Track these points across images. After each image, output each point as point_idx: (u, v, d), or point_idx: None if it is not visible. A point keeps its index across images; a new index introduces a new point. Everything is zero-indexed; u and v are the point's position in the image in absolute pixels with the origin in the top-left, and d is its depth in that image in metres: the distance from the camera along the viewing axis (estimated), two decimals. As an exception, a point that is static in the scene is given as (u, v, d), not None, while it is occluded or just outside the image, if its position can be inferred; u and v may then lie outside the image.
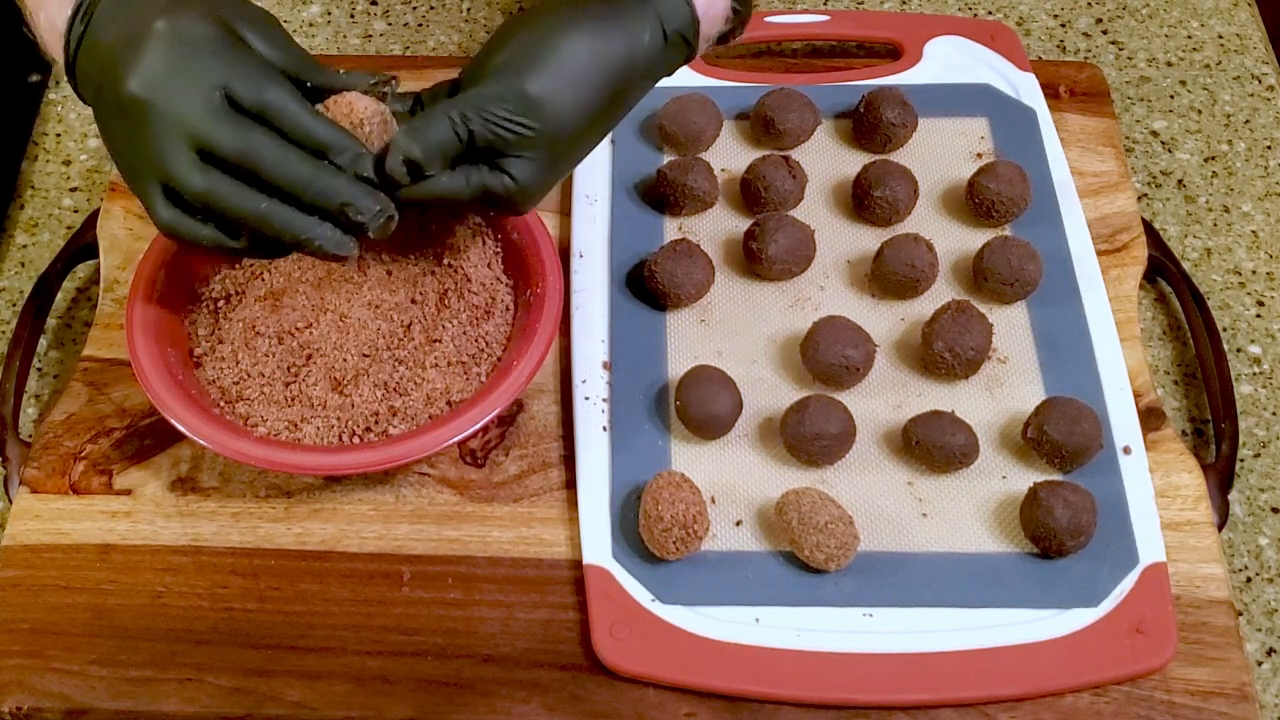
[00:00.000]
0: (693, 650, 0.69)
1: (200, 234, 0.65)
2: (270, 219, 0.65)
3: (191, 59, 0.64)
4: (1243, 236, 0.88)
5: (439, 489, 0.75)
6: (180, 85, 0.64)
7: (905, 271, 0.79)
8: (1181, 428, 0.80)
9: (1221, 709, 0.67)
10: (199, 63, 0.64)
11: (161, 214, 0.65)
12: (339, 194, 0.65)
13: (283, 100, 0.65)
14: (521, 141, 0.67)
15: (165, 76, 0.64)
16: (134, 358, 0.72)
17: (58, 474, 0.75)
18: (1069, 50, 0.98)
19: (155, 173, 0.64)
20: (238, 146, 0.63)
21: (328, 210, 0.65)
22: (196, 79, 0.64)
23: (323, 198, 0.65)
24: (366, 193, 0.65)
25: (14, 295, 0.86)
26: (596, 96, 0.68)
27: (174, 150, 0.64)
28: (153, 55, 0.64)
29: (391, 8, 1.01)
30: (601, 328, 0.80)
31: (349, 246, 0.66)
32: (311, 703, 0.68)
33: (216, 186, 0.64)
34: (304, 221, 0.65)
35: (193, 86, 0.64)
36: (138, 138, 0.64)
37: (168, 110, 0.63)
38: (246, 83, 0.64)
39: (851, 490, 0.74)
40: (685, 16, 0.70)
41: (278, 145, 0.64)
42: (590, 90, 0.68)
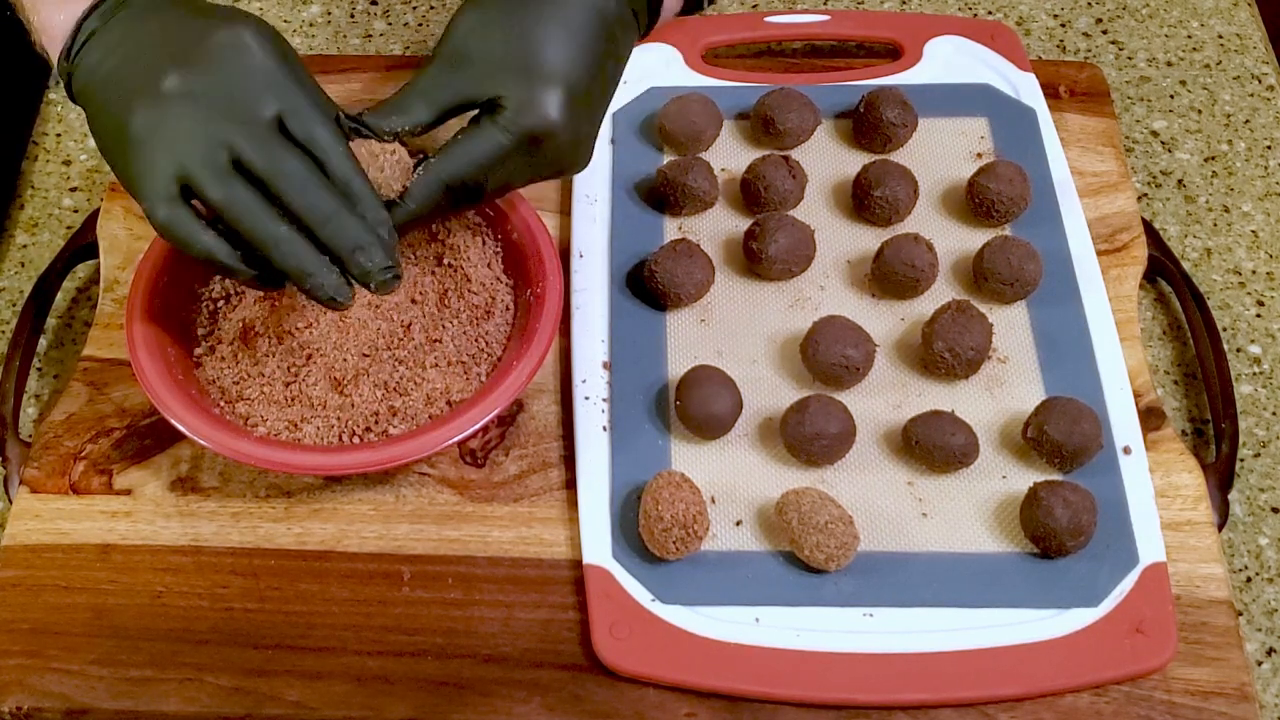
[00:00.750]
0: (693, 650, 0.69)
1: (199, 239, 0.64)
2: (281, 244, 0.64)
3: (250, 71, 0.64)
4: (1243, 236, 0.88)
5: (439, 489, 0.75)
6: (233, 92, 0.64)
7: (905, 271, 0.79)
8: (1181, 428, 0.80)
9: (1221, 709, 0.67)
10: (258, 77, 0.64)
11: (160, 210, 0.64)
12: (355, 237, 0.64)
13: (331, 142, 0.65)
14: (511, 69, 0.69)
15: (219, 79, 0.64)
16: (134, 358, 0.72)
17: (58, 474, 0.75)
18: (1069, 50, 0.98)
19: (174, 166, 0.63)
20: (271, 165, 0.63)
21: (338, 251, 0.65)
22: (251, 92, 0.64)
23: (338, 236, 0.64)
24: (380, 245, 0.65)
25: (14, 295, 0.86)
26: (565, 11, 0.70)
27: (208, 149, 0.63)
28: (210, 55, 0.64)
29: (391, 8, 1.01)
30: (601, 328, 0.80)
31: (346, 295, 0.65)
32: (311, 703, 0.68)
33: (240, 197, 0.63)
34: (313, 258, 0.65)
35: (245, 97, 0.64)
36: (165, 129, 0.63)
37: (212, 111, 0.63)
38: (303, 112, 0.65)
39: (851, 490, 0.74)
40: None
41: (310, 175, 0.64)
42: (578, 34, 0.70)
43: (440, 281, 0.77)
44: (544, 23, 0.70)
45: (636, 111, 0.89)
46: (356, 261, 0.65)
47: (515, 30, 0.69)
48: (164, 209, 0.64)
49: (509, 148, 0.69)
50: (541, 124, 0.69)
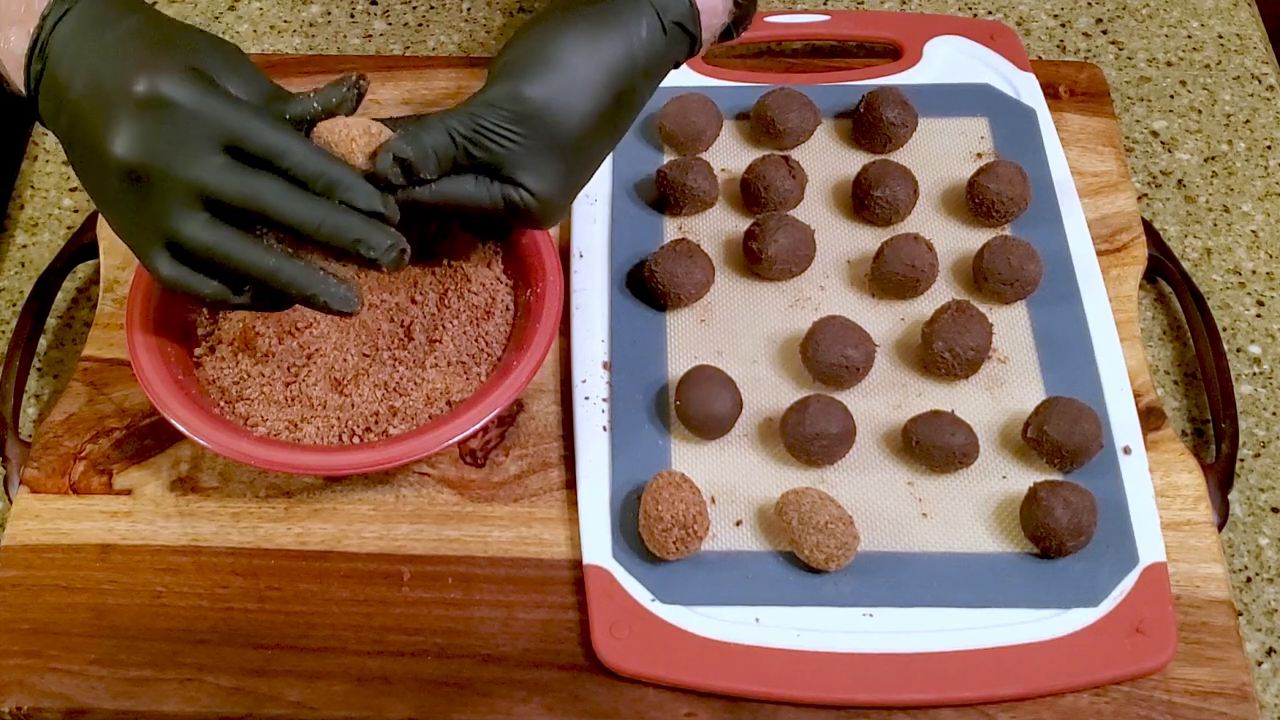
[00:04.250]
0: (693, 650, 0.69)
1: (204, 289, 0.66)
2: (277, 274, 0.65)
3: (184, 122, 0.63)
4: (1243, 236, 0.88)
5: (439, 489, 0.75)
6: (179, 148, 0.63)
7: (905, 271, 0.79)
8: (1181, 428, 0.80)
9: (1221, 709, 0.67)
10: (193, 125, 0.63)
11: (165, 271, 0.65)
12: (350, 231, 0.64)
13: (287, 142, 0.64)
14: (525, 150, 0.67)
15: (161, 142, 0.63)
16: (134, 358, 0.72)
17: (58, 474, 0.75)
18: (1069, 50, 0.98)
19: (158, 231, 0.64)
20: (244, 192, 0.63)
21: (341, 249, 0.65)
22: (195, 141, 0.63)
23: (335, 235, 0.64)
24: (378, 228, 0.65)
25: (14, 295, 0.86)
26: (598, 96, 0.68)
27: (178, 209, 0.63)
28: (141, 122, 0.63)
29: (391, 8, 1.01)
30: (601, 328, 0.80)
31: (353, 303, 0.66)
32: (311, 703, 0.68)
33: (224, 241, 0.64)
34: (311, 278, 0.65)
35: (192, 148, 0.63)
36: (137, 199, 0.64)
37: (169, 173, 0.63)
38: (250, 133, 0.64)
39: (851, 490, 0.74)
40: (683, 6, 0.70)
41: (285, 189, 0.64)
42: (590, 90, 0.68)
43: (440, 281, 0.77)
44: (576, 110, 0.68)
45: (636, 111, 0.89)
46: (359, 253, 0.65)
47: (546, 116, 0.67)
48: (165, 270, 0.65)
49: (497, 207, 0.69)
50: (536, 208, 0.69)
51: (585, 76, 0.68)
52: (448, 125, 0.67)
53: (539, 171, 0.68)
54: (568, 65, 0.68)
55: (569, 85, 0.68)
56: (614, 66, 0.69)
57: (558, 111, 0.67)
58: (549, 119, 0.67)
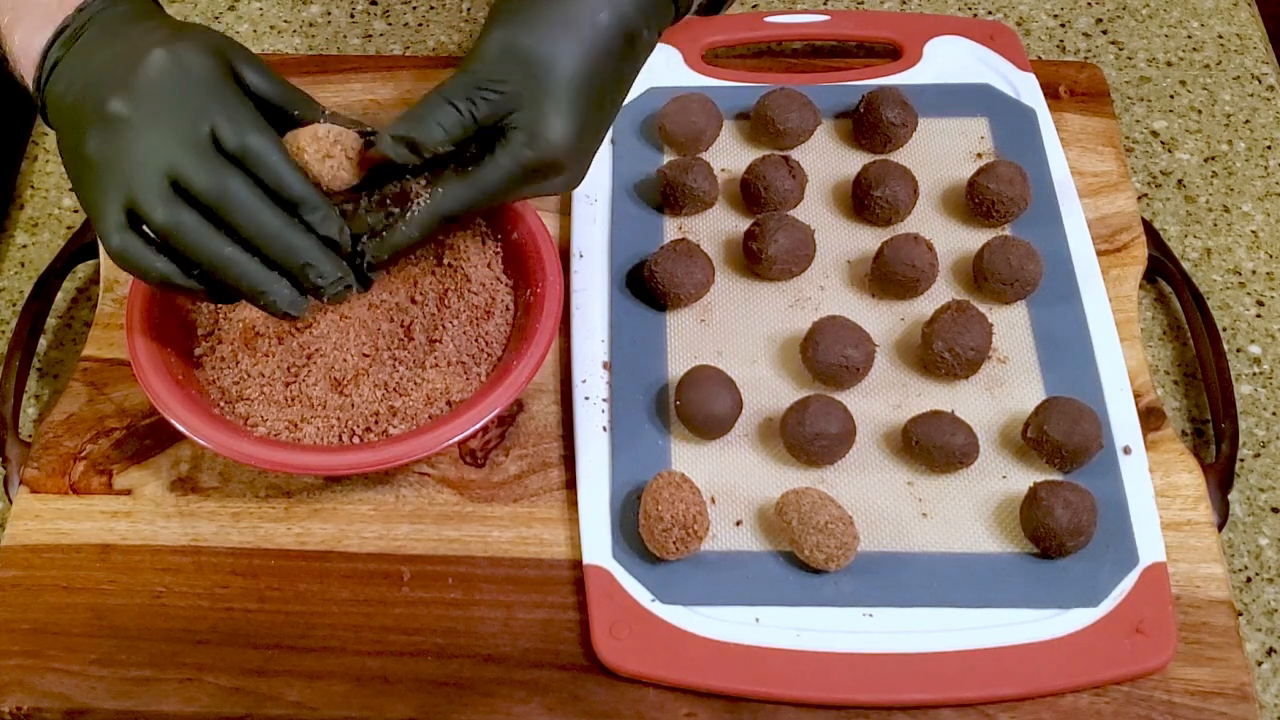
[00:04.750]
0: (693, 650, 0.69)
1: (152, 266, 0.65)
2: (230, 266, 0.65)
3: (184, 90, 0.64)
4: (1243, 236, 0.88)
5: (439, 489, 0.75)
6: (168, 114, 0.64)
7: (905, 271, 0.79)
8: (1181, 428, 0.80)
9: (1221, 709, 0.67)
10: (191, 95, 0.64)
11: (113, 239, 0.65)
12: (302, 254, 0.65)
13: (264, 147, 0.65)
14: (527, 94, 0.67)
15: (155, 102, 0.64)
16: (134, 358, 0.72)
17: (58, 474, 0.75)
18: (1069, 50, 0.98)
19: (121, 195, 0.64)
20: (212, 186, 0.64)
21: (288, 268, 0.65)
22: (186, 111, 0.64)
23: (286, 254, 0.65)
24: (329, 259, 0.66)
25: (14, 295, 0.86)
26: (593, 36, 0.67)
27: (148, 175, 0.63)
28: (146, 78, 0.64)
29: (391, 8, 1.01)
30: (601, 328, 0.80)
31: (300, 307, 0.66)
32: (311, 703, 0.68)
33: (184, 222, 0.64)
34: (263, 275, 0.65)
35: (180, 118, 0.64)
36: (112, 156, 0.64)
37: (151, 135, 0.64)
38: (233, 124, 0.64)
39: (851, 490, 0.74)
40: None
41: (252, 193, 0.64)
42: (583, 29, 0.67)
43: (440, 281, 0.77)
44: (572, 49, 0.67)
45: (636, 111, 0.89)
46: (306, 277, 0.66)
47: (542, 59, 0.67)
48: (116, 237, 0.65)
49: (516, 176, 0.68)
50: (550, 159, 0.68)
51: (576, 16, 0.67)
52: (444, 95, 0.67)
53: (546, 117, 0.67)
54: (557, 6, 0.67)
55: (560, 25, 0.67)
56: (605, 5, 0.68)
57: (552, 51, 0.67)
58: (544, 59, 0.67)
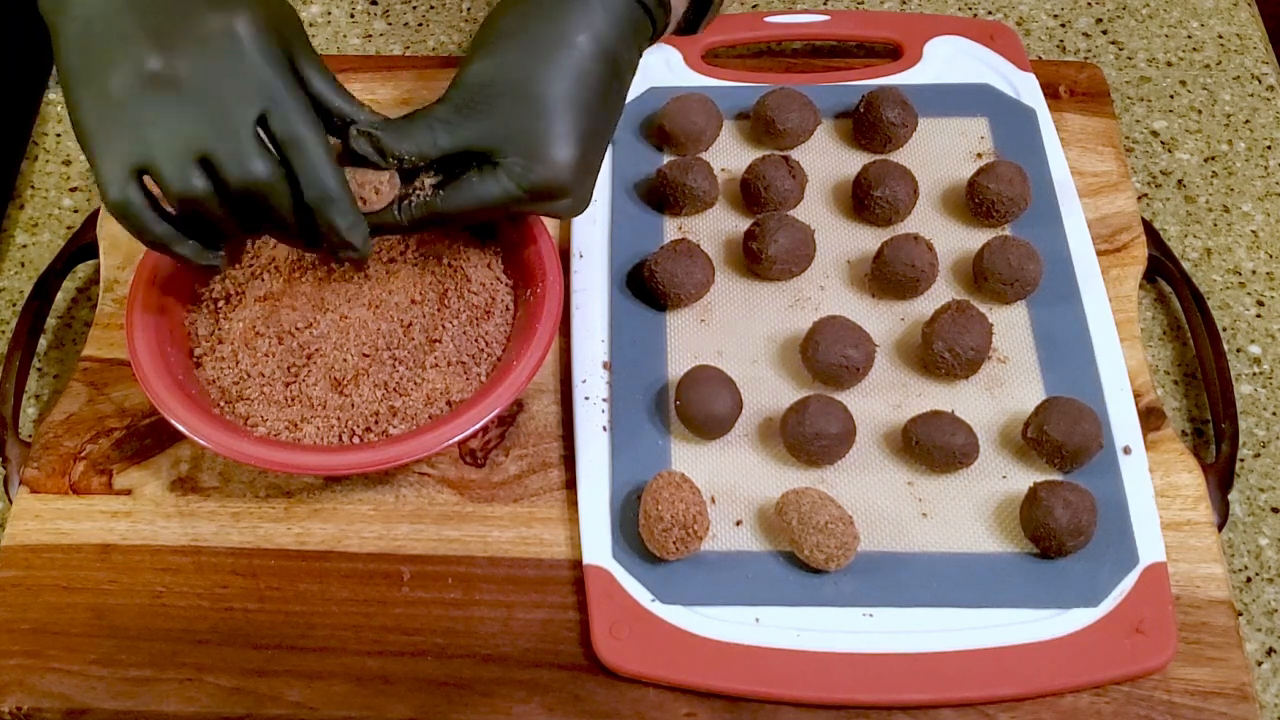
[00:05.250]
0: (693, 650, 0.69)
1: (149, 227, 0.65)
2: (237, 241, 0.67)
3: (245, 66, 0.63)
4: (1243, 236, 0.88)
5: (439, 489, 0.75)
6: (217, 91, 0.62)
7: (905, 271, 0.79)
8: (1181, 428, 0.80)
9: (1221, 709, 0.67)
10: (250, 73, 0.63)
11: (113, 189, 0.63)
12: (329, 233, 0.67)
13: (313, 141, 0.64)
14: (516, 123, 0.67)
15: (205, 74, 0.62)
16: (134, 358, 0.72)
17: (58, 474, 0.75)
18: (1069, 50, 0.98)
19: (138, 152, 0.63)
20: (242, 172, 0.63)
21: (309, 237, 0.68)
22: (236, 92, 0.63)
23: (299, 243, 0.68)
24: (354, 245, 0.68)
25: (14, 295, 0.86)
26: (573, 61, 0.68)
27: (177, 147, 0.62)
28: (208, 41, 0.62)
29: (391, 8, 1.01)
30: (601, 328, 0.80)
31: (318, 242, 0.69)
32: (311, 703, 0.68)
33: (203, 199, 0.64)
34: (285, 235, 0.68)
35: (229, 99, 0.62)
36: (140, 112, 0.62)
37: (189, 108, 0.62)
38: (288, 113, 0.64)
39: (851, 490, 0.74)
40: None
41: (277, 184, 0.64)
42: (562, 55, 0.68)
43: (440, 281, 0.77)
44: (555, 71, 0.68)
45: (636, 111, 0.89)
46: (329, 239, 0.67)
47: (527, 84, 0.68)
48: (116, 188, 0.63)
49: (516, 198, 0.69)
50: (552, 181, 0.69)
51: (555, 41, 0.68)
52: (427, 116, 0.68)
53: (540, 144, 0.68)
54: (535, 32, 0.68)
55: (541, 52, 0.68)
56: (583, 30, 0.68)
57: (534, 76, 0.67)
58: (528, 85, 0.67)
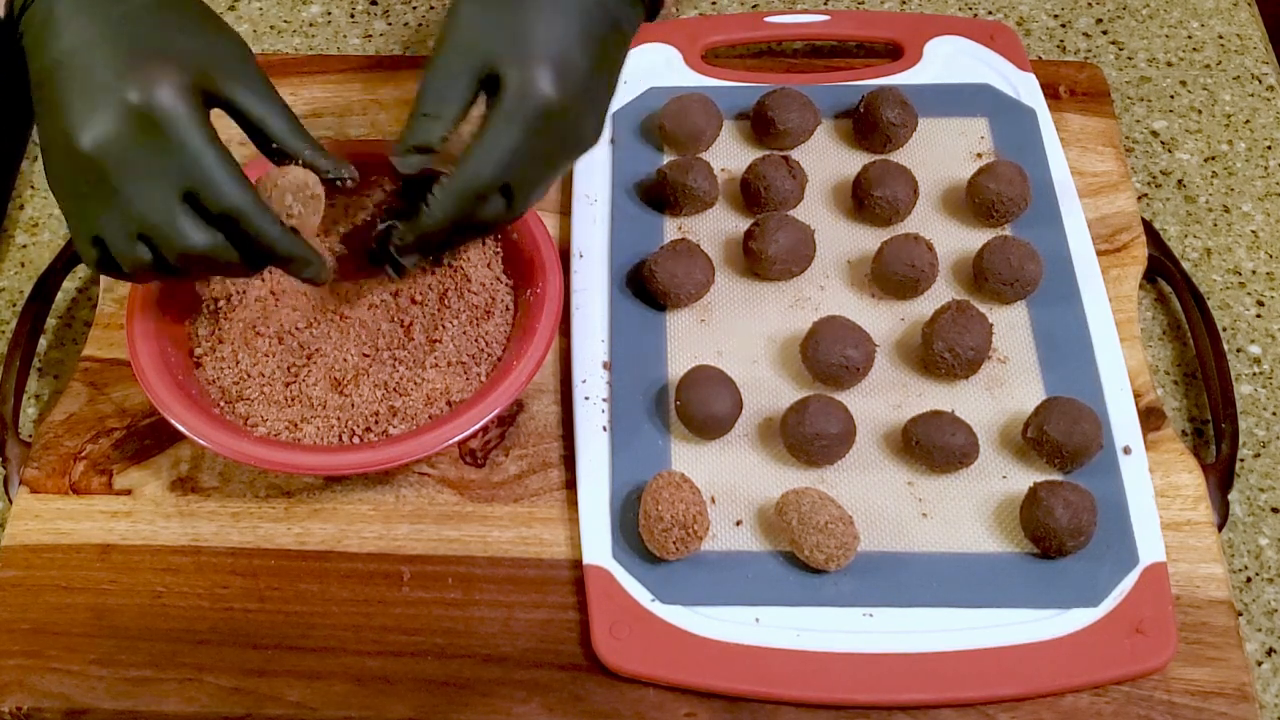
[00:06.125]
0: (693, 650, 0.69)
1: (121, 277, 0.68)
2: None
3: (160, 150, 0.63)
4: (1243, 236, 0.88)
5: (439, 489, 0.75)
6: (143, 175, 0.63)
7: (905, 271, 0.79)
8: (1181, 428, 0.80)
9: (1221, 709, 0.67)
10: (165, 157, 0.63)
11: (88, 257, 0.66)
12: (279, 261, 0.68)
13: (249, 208, 0.65)
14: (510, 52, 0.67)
15: (129, 158, 0.63)
16: (134, 358, 0.72)
17: (58, 474, 0.75)
18: (1069, 50, 0.98)
19: (90, 228, 0.65)
20: (174, 247, 0.64)
21: None
22: (160, 174, 0.63)
23: None
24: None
25: (14, 295, 0.86)
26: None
27: (118, 223, 0.64)
28: (119, 125, 0.62)
29: (391, 8, 1.01)
30: (601, 328, 0.80)
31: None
32: (311, 703, 0.68)
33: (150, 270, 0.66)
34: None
35: (156, 181, 0.63)
36: (85, 186, 0.64)
37: (122, 193, 0.63)
38: (212, 187, 0.64)
39: (851, 490, 0.74)
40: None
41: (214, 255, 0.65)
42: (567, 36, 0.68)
43: (440, 281, 0.77)
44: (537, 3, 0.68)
45: (636, 111, 0.89)
46: None
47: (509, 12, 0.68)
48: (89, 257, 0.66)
49: (518, 134, 0.67)
50: (542, 99, 0.67)
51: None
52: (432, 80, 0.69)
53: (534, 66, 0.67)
54: None
55: None
56: None
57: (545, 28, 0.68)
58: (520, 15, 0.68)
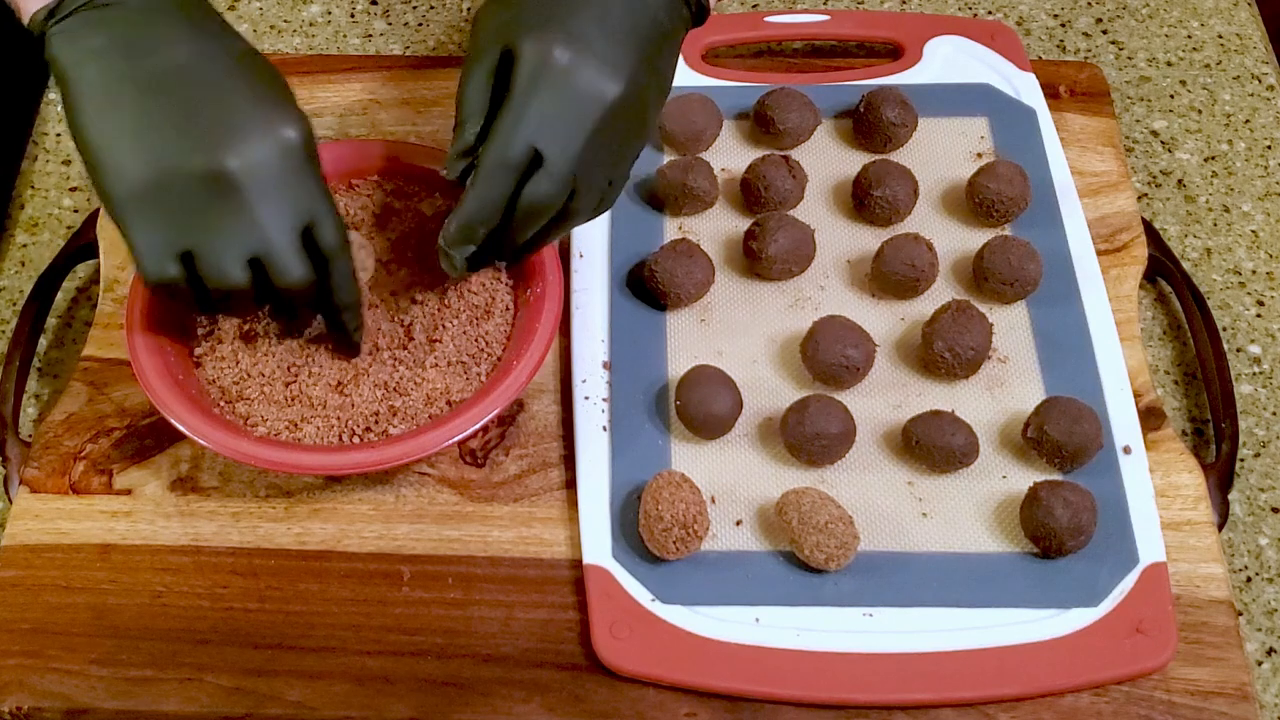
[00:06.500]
0: (693, 650, 0.69)
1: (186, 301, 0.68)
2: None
3: (299, 179, 0.65)
4: (1243, 236, 0.88)
5: (439, 489, 0.75)
6: (279, 197, 0.65)
7: (905, 271, 0.79)
8: (1181, 428, 0.80)
9: (1221, 709, 0.67)
10: (303, 185, 0.65)
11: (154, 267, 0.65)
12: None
13: (344, 254, 0.68)
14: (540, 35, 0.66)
15: (268, 179, 0.64)
16: (134, 358, 0.72)
17: (58, 474, 0.75)
18: (1069, 50, 0.98)
19: (187, 239, 0.65)
20: (283, 276, 0.66)
21: None
22: (295, 201, 0.65)
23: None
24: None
25: (14, 295, 0.86)
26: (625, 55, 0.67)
27: (231, 244, 0.65)
28: (266, 151, 0.64)
29: (391, 8, 1.01)
30: (601, 328, 0.80)
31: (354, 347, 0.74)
32: (311, 703, 0.68)
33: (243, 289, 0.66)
34: None
35: (289, 206, 0.65)
36: (197, 206, 0.64)
37: (253, 213, 0.64)
38: (329, 225, 0.67)
39: (851, 490, 0.74)
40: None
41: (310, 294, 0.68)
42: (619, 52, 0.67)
43: (440, 281, 0.77)
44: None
45: (636, 111, 0.89)
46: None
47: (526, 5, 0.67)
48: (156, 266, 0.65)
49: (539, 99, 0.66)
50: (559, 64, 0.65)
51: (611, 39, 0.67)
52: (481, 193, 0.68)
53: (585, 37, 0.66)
54: None
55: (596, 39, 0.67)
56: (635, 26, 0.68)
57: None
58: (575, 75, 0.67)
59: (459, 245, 0.70)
